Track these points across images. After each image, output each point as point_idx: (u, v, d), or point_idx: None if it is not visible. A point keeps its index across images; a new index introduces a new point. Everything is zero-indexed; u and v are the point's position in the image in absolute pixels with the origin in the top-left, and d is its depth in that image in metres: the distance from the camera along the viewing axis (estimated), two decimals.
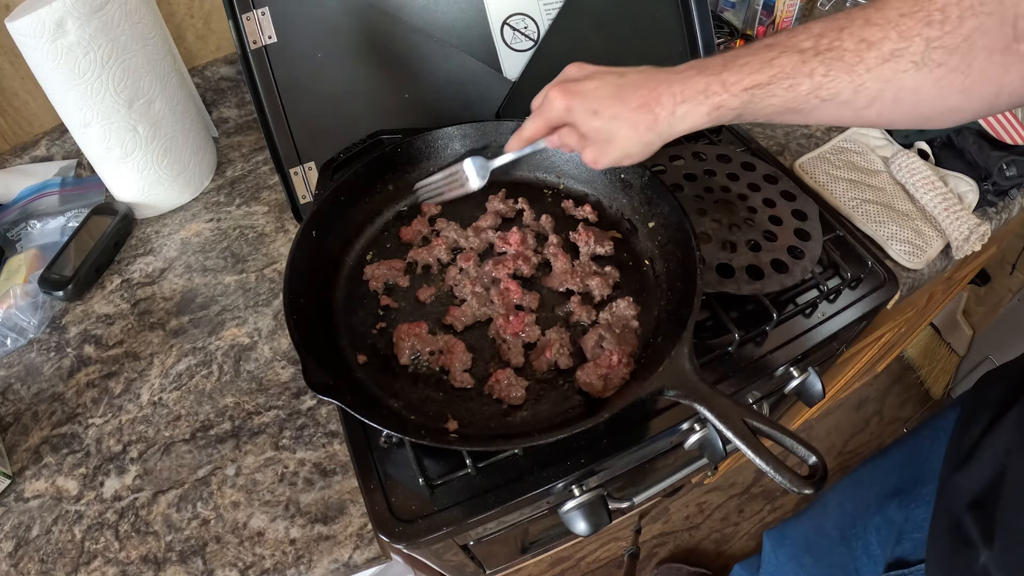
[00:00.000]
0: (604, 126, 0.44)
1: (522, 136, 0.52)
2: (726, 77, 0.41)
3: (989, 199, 0.73)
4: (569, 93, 0.46)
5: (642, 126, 0.43)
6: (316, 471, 0.55)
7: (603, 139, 0.45)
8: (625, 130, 0.44)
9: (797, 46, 0.39)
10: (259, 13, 0.62)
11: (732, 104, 0.41)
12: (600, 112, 0.44)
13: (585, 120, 0.45)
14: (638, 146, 0.45)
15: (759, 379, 0.58)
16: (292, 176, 0.68)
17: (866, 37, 0.37)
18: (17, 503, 0.55)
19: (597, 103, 0.44)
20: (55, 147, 0.83)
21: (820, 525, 0.86)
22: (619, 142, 0.45)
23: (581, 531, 0.56)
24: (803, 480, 0.39)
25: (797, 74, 0.39)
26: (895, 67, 0.37)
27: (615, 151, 0.46)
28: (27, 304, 0.66)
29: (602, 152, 0.46)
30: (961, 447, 0.61)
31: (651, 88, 0.43)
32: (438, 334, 0.54)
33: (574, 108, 0.45)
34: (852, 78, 0.38)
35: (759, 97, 0.40)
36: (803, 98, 0.40)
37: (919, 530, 0.65)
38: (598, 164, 0.47)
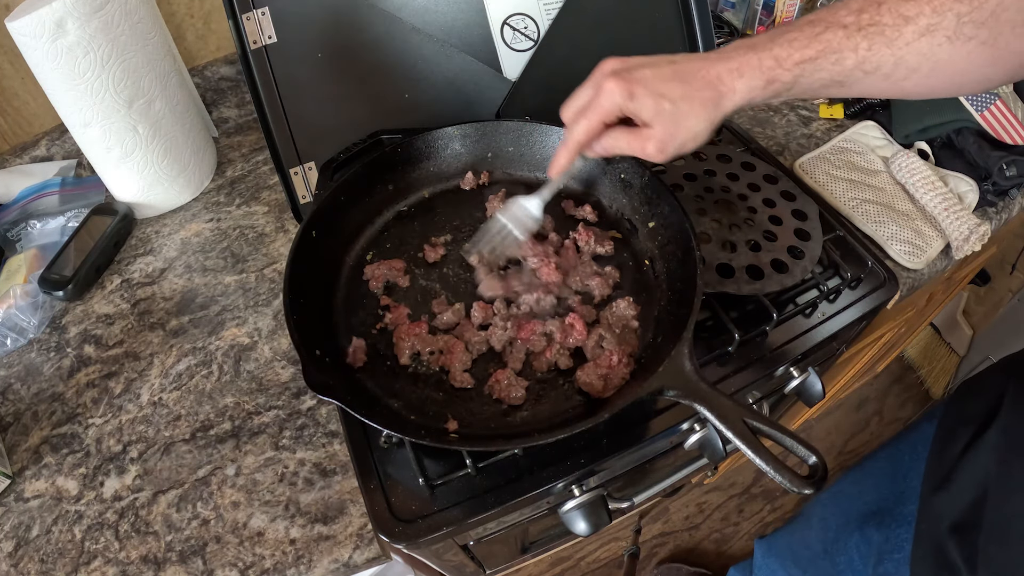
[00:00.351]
0: (673, 108, 0.43)
1: (571, 145, 0.48)
2: (777, 52, 0.42)
3: (989, 199, 0.73)
4: (629, 81, 0.43)
5: (710, 103, 0.43)
6: (316, 471, 0.55)
7: (671, 123, 0.43)
8: (695, 110, 0.43)
9: (840, 21, 0.41)
10: (259, 13, 0.62)
11: (785, 78, 0.42)
12: (666, 94, 0.43)
13: (651, 105, 0.43)
14: (704, 123, 0.44)
15: (759, 379, 0.58)
16: (292, 176, 0.68)
17: (903, 12, 0.39)
18: (17, 503, 0.55)
19: (662, 86, 0.43)
20: (55, 147, 0.83)
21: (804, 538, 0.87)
22: (688, 123, 0.44)
23: (581, 531, 0.56)
24: (803, 480, 0.39)
25: (843, 48, 0.40)
26: (931, 41, 0.39)
27: (684, 133, 0.44)
28: (27, 304, 0.66)
29: (671, 137, 0.44)
30: (940, 467, 0.61)
31: (709, 67, 0.43)
32: (438, 334, 0.54)
33: (637, 94, 0.43)
34: (893, 52, 0.40)
35: (808, 71, 0.42)
36: (848, 71, 0.41)
37: (899, 551, 0.65)
38: (666, 152, 0.44)
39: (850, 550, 0.74)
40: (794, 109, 0.88)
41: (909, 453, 0.69)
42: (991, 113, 0.73)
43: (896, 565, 0.65)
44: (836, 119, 0.85)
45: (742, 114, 0.87)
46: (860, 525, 0.73)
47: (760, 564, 1.03)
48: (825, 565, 0.79)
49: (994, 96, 0.73)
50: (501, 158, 0.66)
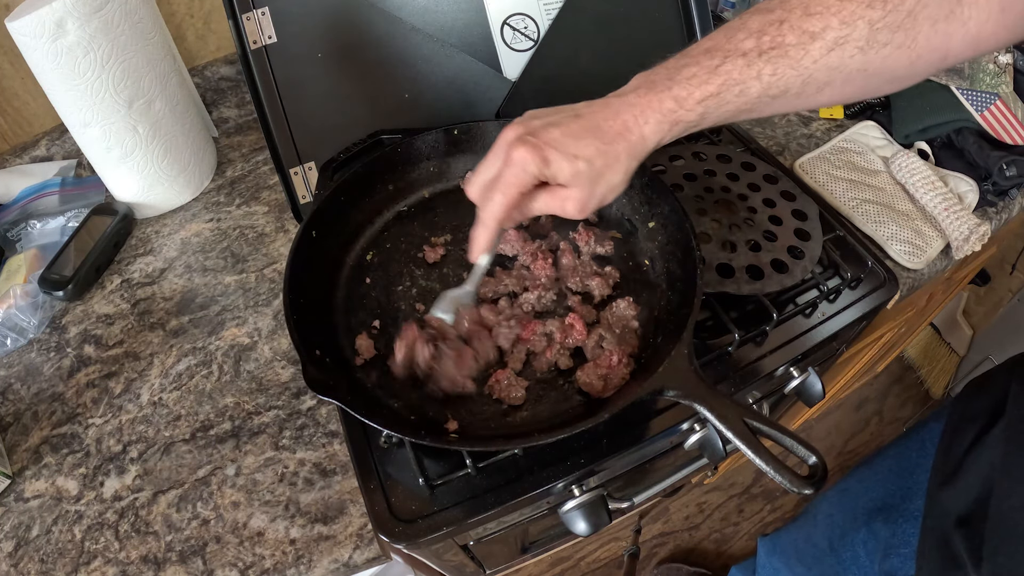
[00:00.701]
0: (588, 168, 0.41)
1: (492, 222, 0.45)
2: (677, 92, 0.40)
3: (989, 199, 0.73)
4: (537, 147, 0.41)
5: (623, 155, 0.42)
6: (316, 471, 0.55)
7: (589, 182, 0.42)
8: (611, 164, 0.42)
9: (739, 48, 0.39)
10: (259, 13, 0.62)
11: (689, 118, 0.41)
12: (580, 154, 0.41)
13: (567, 168, 0.41)
14: (621, 175, 0.43)
15: (759, 379, 0.58)
16: (292, 176, 0.68)
17: (807, 28, 0.37)
18: (17, 503, 0.55)
19: (574, 146, 0.41)
20: (55, 147, 0.83)
21: (810, 535, 0.87)
22: (605, 178, 0.42)
23: (581, 531, 0.56)
24: (803, 480, 0.39)
25: (745, 79, 0.39)
26: (841, 55, 0.37)
27: (602, 188, 0.43)
28: (27, 304, 0.66)
29: (590, 194, 0.42)
30: (947, 462, 0.62)
31: (614, 117, 0.42)
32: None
33: (551, 159, 0.41)
34: (799, 72, 0.38)
35: (712, 107, 0.40)
36: (754, 100, 0.40)
37: (906, 546, 0.65)
38: (587, 209, 0.43)
39: (856, 546, 0.74)
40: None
41: (917, 450, 0.69)
42: (991, 113, 0.73)
43: (902, 560, 0.65)
44: (836, 119, 0.85)
45: None
46: (867, 521, 0.73)
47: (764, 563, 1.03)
48: (831, 562, 0.79)
49: (994, 96, 0.73)
50: None
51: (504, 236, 0.60)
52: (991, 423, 0.58)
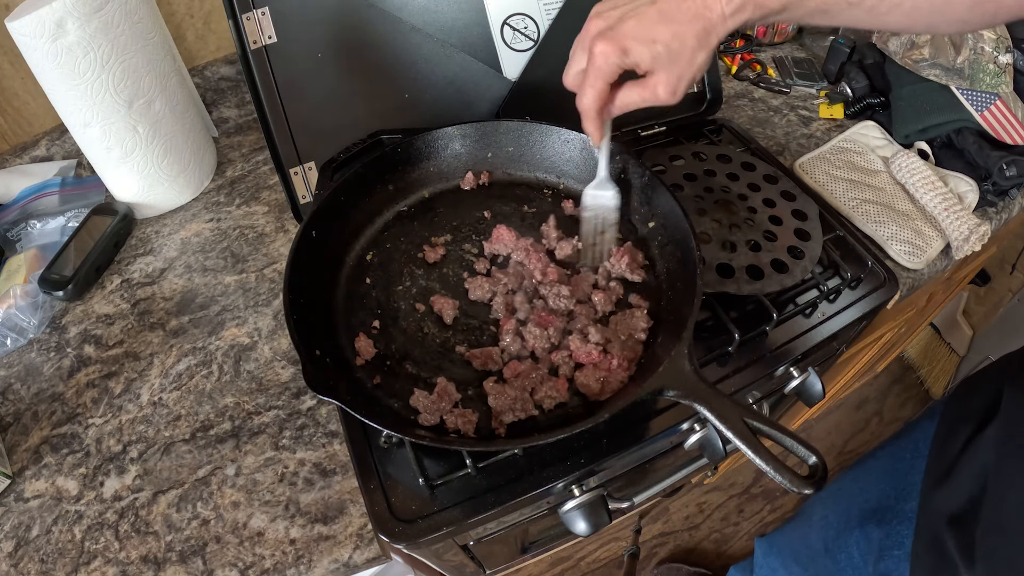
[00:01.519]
0: (667, 50, 0.43)
1: (591, 111, 0.48)
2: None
3: (989, 199, 0.73)
4: (615, 38, 0.44)
5: (701, 33, 0.43)
6: (316, 471, 0.55)
7: (671, 63, 0.44)
8: (689, 43, 0.43)
9: None
10: (259, 13, 0.62)
11: (774, 5, 0.43)
12: (658, 38, 0.43)
13: (647, 53, 0.43)
14: (703, 53, 0.44)
15: (759, 379, 0.58)
16: (292, 176, 0.68)
17: None
18: (17, 503, 0.55)
19: (651, 31, 0.43)
20: (55, 147, 0.83)
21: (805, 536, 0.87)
22: (686, 57, 0.44)
23: (581, 531, 0.56)
24: (803, 480, 0.39)
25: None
26: None
27: (687, 68, 0.44)
28: (27, 304, 0.66)
29: (677, 76, 0.44)
30: (940, 463, 0.62)
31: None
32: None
33: (629, 48, 0.43)
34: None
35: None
36: (834, 1, 0.42)
37: (899, 547, 0.65)
38: (678, 91, 0.45)
39: (850, 547, 0.74)
40: (794, 109, 0.88)
41: (910, 451, 0.69)
42: (991, 113, 0.73)
43: (896, 561, 0.65)
44: (836, 119, 0.85)
45: (742, 114, 0.87)
46: (861, 522, 0.73)
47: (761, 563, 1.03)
48: (826, 563, 0.79)
49: (994, 96, 0.73)
50: (501, 158, 0.66)
51: (496, 235, 0.60)
52: (984, 423, 0.58)
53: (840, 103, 0.86)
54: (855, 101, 0.85)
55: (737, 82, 0.93)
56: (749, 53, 0.96)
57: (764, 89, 0.92)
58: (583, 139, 0.63)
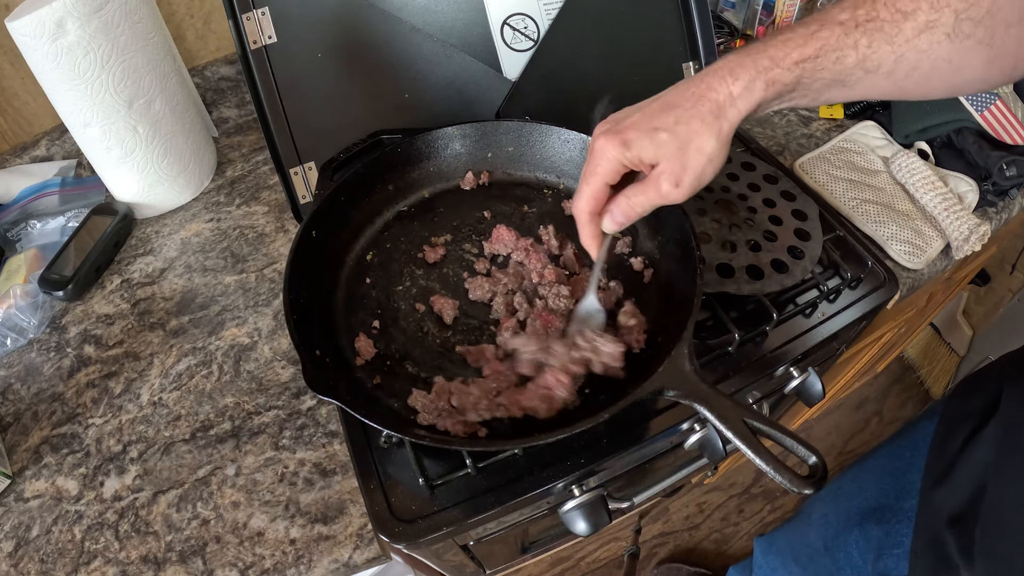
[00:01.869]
0: (671, 136, 0.40)
1: (584, 216, 0.45)
2: (773, 53, 0.40)
3: (989, 199, 0.73)
4: (617, 132, 0.41)
5: (709, 116, 0.40)
6: (316, 471, 0.55)
7: (676, 152, 0.40)
8: (696, 128, 0.40)
9: (836, 19, 0.40)
10: (259, 13, 0.62)
11: (786, 79, 0.40)
12: (660, 126, 0.40)
13: (649, 142, 0.40)
14: (711, 139, 0.40)
15: (759, 379, 0.58)
16: (292, 176, 0.68)
17: (900, 8, 0.39)
18: (17, 503, 0.55)
19: (654, 121, 0.41)
20: (55, 147, 0.83)
21: (804, 535, 0.87)
22: (694, 145, 0.40)
23: (581, 531, 0.56)
24: (803, 480, 0.39)
25: (842, 46, 0.39)
26: (930, 38, 0.39)
27: (694, 158, 0.41)
28: (27, 304, 0.66)
29: (682, 167, 0.41)
30: (940, 462, 0.61)
31: (698, 82, 0.41)
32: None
33: (631, 140, 0.41)
34: (893, 48, 0.39)
35: (809, 71, 0.40)
36: (849, 70, 0.40)
37: (899, 546, 0.65)
38: (683, 184, 0.41)
39: (849, 546, 0.74)
40: (794, 109, 0.88)
41: (910, 450, 0.69)
42: (991, 113, 0.73)
43: (895, 560, 0.65)
44: (836, 119, 0.85)
45: None
46: (860, 521, 0.73)
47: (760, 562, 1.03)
48: (825, 562, 0.79)
49: (994, 96, 0.73)
50: (501, 158, 0.66)
51: (496, 235, 0.60)
52: (983, 422, 0.58)
53: (840, 103, 0.86)
54: (855, 101, 0.85)
55: None
56: None
57: None
58: (583, 139, 0.63)
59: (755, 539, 1.05)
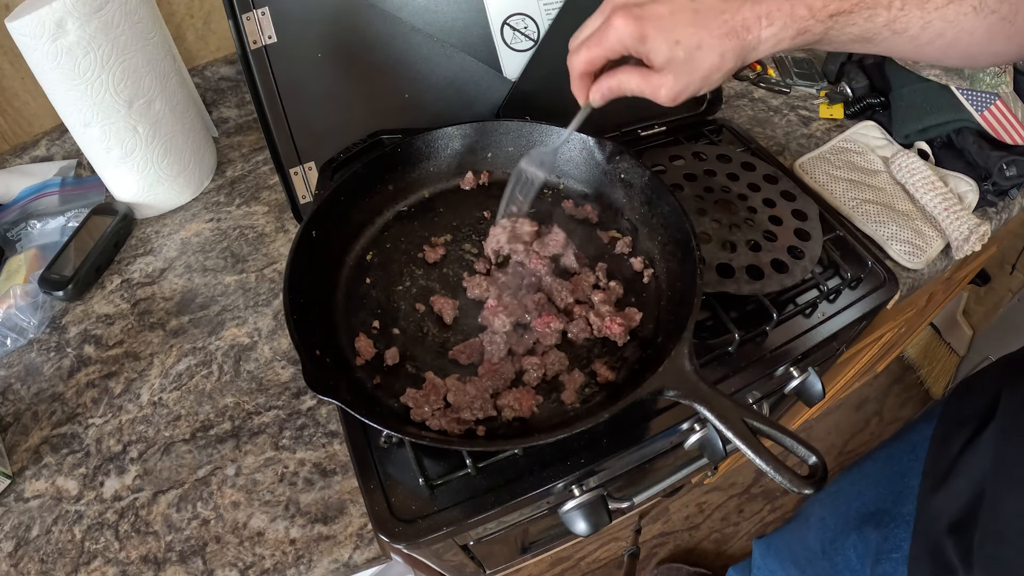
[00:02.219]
0: (687, 57, 0.40)
1: (575, 75, 0.46)
2: (811, 2, 0.40)
3: (989, 199, 0.73)
4: (640, 19, 0.40)
5: (729, 53, 0.41)
6: (316, 471, 0.55)
7: (685, 70, 0.41)
8: (711, 59, 0.41)
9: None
10: (259, 13, 0.62)
11: (816, 30, 0.41)
12: (682, 40, 0.40)
13: (664, 51, 0.40)
14: (721, 74, 0.42)
15: (759, 379, 0.58)
16: (292, 176, 0.68)
17: None
18: (17, 503, 0.55)
19: (678, 31, 0.40)
20: (55, 147, 0.83)
21: (803, 538, 0.86)
22: (702, 72, 0.41)
23: (581, 531, 0.56)
24: (803, 480, 0.39)
25: (877, 5, 0.41)
26: (958, 9, 0.40)
27: (698, 83, 0.42)
28: (27, 304, 0.66)
29: (685, 86, 0.42)
30: (938, 467, 0.61)
31: (733, 12, 0.41)
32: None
33: (648, 36, 0.40)
34: (923, 14, 0.41)
35: (840, 24, 0.41)
36: (878, 29, 0.41)
37: (897, 550, 0.65)
38: (678, 100, 0.43)
39: (848, 550, 0.74)
40: (794, 109, 0.88)
41: (907, 453, 0.69)
42: (991, 113, 0.73)
43: (894, 565, 0.65)
44: (836, 119, 0.85)
45: (742, 114, 0.87)
46: (858, 525, 0.73)
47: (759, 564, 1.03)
48: (823, 565, 0.79)
49: (994, 96, 0.73)
50: (501, 158, 0.66)
51: (493, 235, 0.60)
52: (982, 427, 0.58)
53: (840, 103, 0.86)
54: (855, 101, 0.85)
55: (737, 82, 0.93)
56: None
57: (764, 89, 0.92)
58: (583, 139, 0.63)
59: (754, 541, 1.05)
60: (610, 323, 0.52)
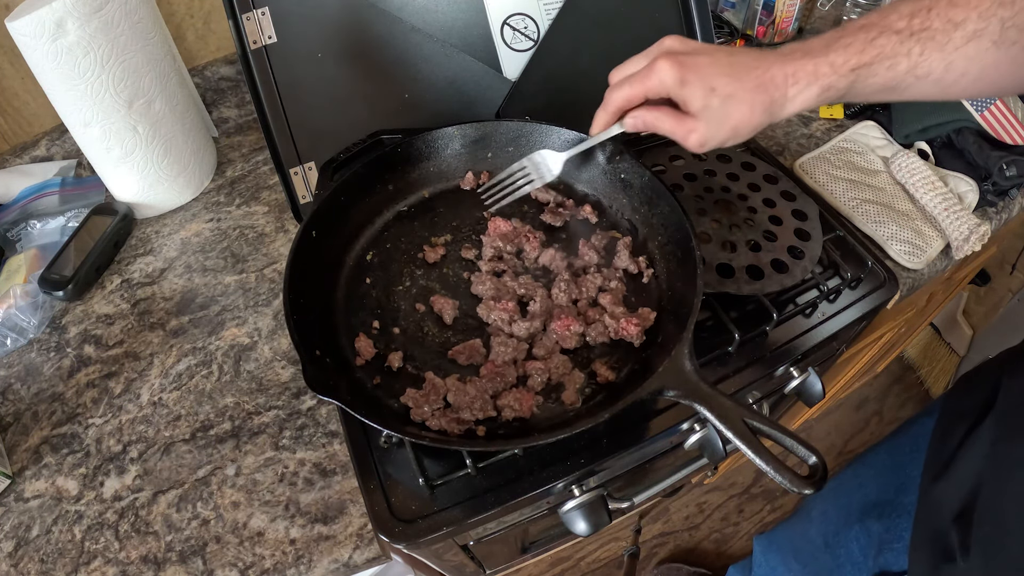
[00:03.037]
0: (721, 105, 0.43)
1: (610, 108, 0.48)
2: (833, 58, 0.42)
3: (989, 199, 0.73)
4: (682, 65, 0.43)
5: (758, 107, 0.43)
6: (316, 471, 0.55)
7: (717, 119, 0.43)
8: (742, 110, 0.43)
9: (892, 27, 0.41)
10: (259, 13, 0.62)
11: (840, 85, 0.42)
12: (718, 90, 0.42)
13: (700, 97, 0.43)
14: (749, 128, 0.44)
15: (759, 379, 0.58)
16: (292, 176, 0.68)
17: (952, 18, 0.40)
18: (17, 503, 0.55)
19: (714, 80, 0.43)
20: (55, 147, 0.83)
21: (805, 531, 0.87)
22: (732, 123, 0.43)
23: (581, 531, 0.56)
24: (803, 480, 0.39)
25: (896, 54, 0.41)
26: (978, 46, 0.40)
27: (728, 132, 0.44)
28: (27, 304, 0.66)
29: (715, 134, 0.44)
30: (939, 457, 0.62)
31: (764, 69, 0.43)
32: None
33: (689, 81, 0.43)
34: (943, 56, 0.41)
35: (863, 77, 0.42)
36: (901, 77, 0.42)
37: (899, 540, 0.65)
38: (706, 147, 0.45)
39: (850, 542, 0.74)
40: None
41: (909, 446, 0.70)
42: (991, 113, 0.73)
43: (896, 555, 0.65)
44: (836, 119, 0.85)
45: None
46: (861, 517, 0.73)
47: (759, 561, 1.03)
48: (826, 559, 0.79)
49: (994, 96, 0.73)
50: (501, 158, 0.66)
51: (493, 227, 0.60)
52: (982, 416, 0.58)
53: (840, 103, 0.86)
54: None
55: None
56: None
57: None
58: (583, 139, 0.62)
59: (755, 537, 1.05)
60: (626, 324, 0.52)
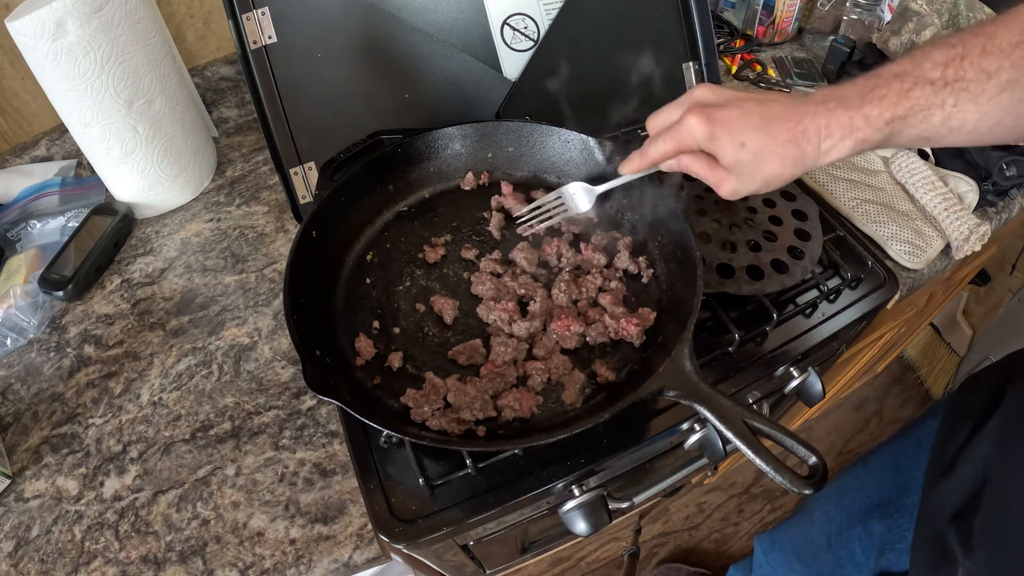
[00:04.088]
0: (752, 160, 0.43)
1: (646, 158, 0.49)
2: (868, 111, 0.41)
3: (989, 199, 0.73)
4: (712, 121, 0.43)
5: (789, 160, 0.42)
6: (316, 471, 0.55)
7: (748, 173, 0.44)
8: (773, 164, 0.43)
9: (927, 77, 0.40)
10: (259, 13, 0.62)
11: (875, 138, 0.41)
12: (748, 145, 0.42)
13: (730, 152, 0.43)
14: (780, 180, 0.44)
15: (759, 379, 0.58)
16: (292, 176, 0.68)
17: (985, 67, 0.39)
18: (17, 503, 0.55)
19: (744, 135, 0.42)
20: (55, 147, 0.83)
21: (807, 532, 0.87)
22: (763, 176, 0.43)
23: (581, 531, 0.56)
24: (803, 480, 0.39)
25: (931, 105, 0.40)
26: (1012, 96, 0.39)
27: (759, 184, 0.44)
28: (27, 304, 0.66)
29: (745, 185, 0.44)
30: (943, 458, 0.62)
31: (796, 121, 0.42)
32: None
33: (719, 137, 0.43)
34: (977, 107, 0.40)
35: (898, 129, 0.41)
36: (935, 128, 0.41)
37: (901, 541, 0.65)
38: (738, 194, 0.45)
39: (852, 542, 0.74)
40: None
41: (912, 447, 0.70)
42: None
43: (898, 555, 0.66)
44: None
45: None
46: (863, 517, 0.73)
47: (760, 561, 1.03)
48: (827, 558, 0.79)
49: None
50: (501, 158, 0.66)
51: (505, 190, 0.62)
52: (986, 418, 0.58)
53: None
54: None
55: (737, 82, 0.93)
56: (749, 53, 0.96)
57: (764, 89, 0.92)
58: (583, 139, 0.63)
59: (756, 537, 1.05)
60: (626, 324, 0.52)
